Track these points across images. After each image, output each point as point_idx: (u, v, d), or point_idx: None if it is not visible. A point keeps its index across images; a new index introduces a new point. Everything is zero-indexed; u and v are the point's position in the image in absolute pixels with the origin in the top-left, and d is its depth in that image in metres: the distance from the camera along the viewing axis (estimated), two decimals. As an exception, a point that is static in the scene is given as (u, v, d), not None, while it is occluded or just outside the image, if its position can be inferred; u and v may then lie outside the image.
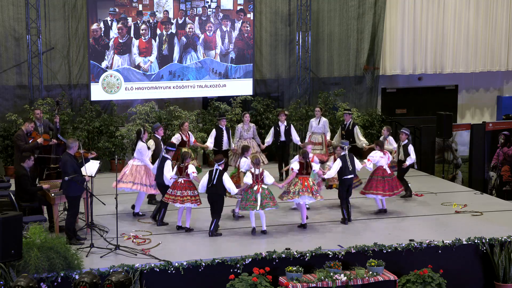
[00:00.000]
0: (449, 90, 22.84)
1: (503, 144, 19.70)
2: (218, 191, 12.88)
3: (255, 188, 12.86)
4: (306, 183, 13.20)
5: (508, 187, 19.80)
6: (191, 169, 13.08)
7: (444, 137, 18.82)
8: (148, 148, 14.41)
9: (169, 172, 13.36)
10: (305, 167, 13.29)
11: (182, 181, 13.07)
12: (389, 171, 14.39)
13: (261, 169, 13.00)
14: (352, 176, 13.82)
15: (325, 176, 13.95)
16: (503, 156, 19.72)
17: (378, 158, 14.32)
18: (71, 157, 12.28)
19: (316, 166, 13.58)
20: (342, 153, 13.75)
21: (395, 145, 15.81)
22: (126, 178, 14.12)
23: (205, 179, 12.93)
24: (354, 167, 13.79)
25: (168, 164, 13.47)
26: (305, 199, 13.24)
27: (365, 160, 14.31)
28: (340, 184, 13.83)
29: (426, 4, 21.49)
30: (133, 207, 14.40)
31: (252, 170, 12.99)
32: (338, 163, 13.64)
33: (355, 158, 13.92)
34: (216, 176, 12.82)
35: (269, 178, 13.01)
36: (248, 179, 12.93)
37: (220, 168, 12.94)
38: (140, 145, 14.16)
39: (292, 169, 13.33)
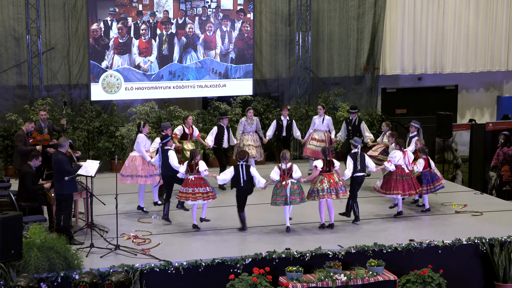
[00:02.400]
0: (449, 90, 22.83)
1: (503, 144, 19.69)
2: (252, 186, 13.14)
3: (284, 183, 12.94)
4: (331, 180, 13.27)
5: (508, 187, 19.80)
6: (202, 166, 13.15)
7: (444, 137, 18.81)
8: (149, 137, 14.54)
9: (175, 160, 13.50)
10: (327, 164, 13.35)
11: (193, 178, 13.12)
12: (407, 170, 14.34)
13: (289, 164, 13.07)
14: (363, 174, 13.83)
15: (344, 178, 13.86)
16: (503, 156, 19.71)
17: (399, 158, 14.25)
18: (64, 155, 12.28)
19: (337, 163, 13.60)
20: (353, 151, 13.77)
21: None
22: (124, 171, 14.28)
23: (229, 174, 13.07)
24: (364, 165, 13.79)
25: (172, 154, 13.58)
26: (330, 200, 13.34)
27: (385, 162, 14.27)
28: (352, 182, 13.84)
29: (426, 4, 21.48)
30: (138, 208, 14.43)
31: (279, 164, 13.07)
32: (350, 162, 13.66)
33: (367, 158, 13.92)
34: (245, 171, 12.95)
35: (297, 172, 13.12)
36: (274, 175, 13.03)
37: (245, 163, 13.08)
38: (139, 136, 14.31)
39: (316, 166, 13.38)
